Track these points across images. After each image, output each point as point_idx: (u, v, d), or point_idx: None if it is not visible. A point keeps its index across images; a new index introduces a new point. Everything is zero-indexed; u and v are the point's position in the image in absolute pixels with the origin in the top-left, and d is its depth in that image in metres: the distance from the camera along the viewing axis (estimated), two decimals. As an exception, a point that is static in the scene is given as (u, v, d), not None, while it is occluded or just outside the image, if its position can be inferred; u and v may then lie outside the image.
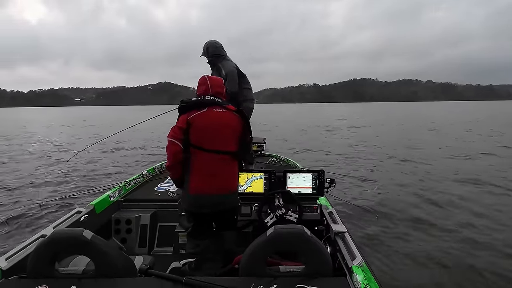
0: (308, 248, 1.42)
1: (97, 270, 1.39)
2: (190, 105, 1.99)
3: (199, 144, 1.94)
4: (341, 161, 9.68)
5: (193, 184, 1.97)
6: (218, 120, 1.98)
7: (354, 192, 5.98)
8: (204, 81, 2.06)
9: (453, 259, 3.43)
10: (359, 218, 4.57)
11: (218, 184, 2.00)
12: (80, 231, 1.38)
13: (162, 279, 1.41)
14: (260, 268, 1.44)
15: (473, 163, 8.76)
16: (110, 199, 2.79)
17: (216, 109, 2.00)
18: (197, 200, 1.98)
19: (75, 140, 16.67)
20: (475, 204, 5.22)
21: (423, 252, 3.59)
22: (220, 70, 3.40)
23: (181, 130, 1.92)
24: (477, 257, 3.44)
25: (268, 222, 2.40)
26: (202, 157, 1.95)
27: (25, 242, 1.79)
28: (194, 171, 1.97)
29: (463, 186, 6.39)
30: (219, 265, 1.97)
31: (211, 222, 2.13)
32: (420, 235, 4.06)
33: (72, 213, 2.35)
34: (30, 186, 6.66)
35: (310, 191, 2.77)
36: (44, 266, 1.38)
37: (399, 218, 4.65)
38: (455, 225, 4.34)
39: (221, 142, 1.98)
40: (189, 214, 2.11)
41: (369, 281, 1.43)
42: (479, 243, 3.78)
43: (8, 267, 1.57)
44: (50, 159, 10.44)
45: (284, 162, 4.76)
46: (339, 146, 12.88)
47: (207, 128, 1.94)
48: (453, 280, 3.07)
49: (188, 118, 1.93)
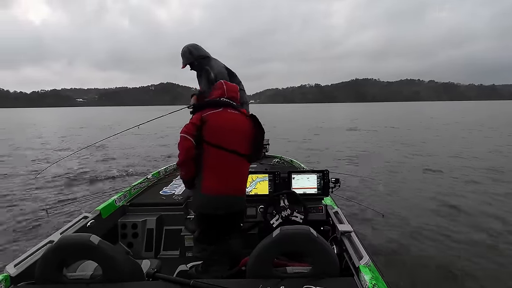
0: (315, 248, 1.41)
1: (105, 274, 1.39)
2: (206, 104, 2.02)
3: (214, 142, 1.92)
4: (346, 160, 9.68)
5: (207, 183, 1.93)
6: (232, 121, 1.99)
7: (359, 192, 5.96)
8: (221, 85, 2.11)
9: (461, 259, 3.41)
10: (365, 217, 4.55)
11: (233, 185, 1.99)
12: (87, 236, 1.38)
13: (170, 282, 1.41)
14: (267, 270, 1.44)
15: (481, 162, 8.73)
16: (115, 204, 2.80)
17: (231, 110, 2.03)
18: (212, 200, 1.94)
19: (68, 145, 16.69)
20: (484, 201, 5.22)
21: (431, 251, 3.58)
22: (209, 72, 3.03)
23: (195, 126, 1.92)
24: (485, 258, 3.42)
25: (274, 223, 2.39)
26: (217, 155, 1.94)
27: (33, 248, 1.79)
28: (207, 169, 1.94)
29: (471, 186, 6.37)
30: (226, 268, 1.97)
31: (223, 224, 2.08)
32: (427, 234, 4.04)
33: (78, 218, 2.35)
34: (36, 192, 6.65)
35: (315, 191, 2.76)
36: (52, 272, 1.39)
37: (406, 216, 4.64)
38: (463, 225, 4.32)
39: (236, 142, 1.98)
40: (201, 217, 2.05)
41: (376, 281, 1.41)
42: (488, 243, 3.76)
43: (16, 274, 1.57)
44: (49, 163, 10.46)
45: (288, 163, 4.76)
46: (343, 146, 12.87)
47: (221, 127, 1.94)
48: (460, 279, 3.05)
49: (203, 115, 1.94)
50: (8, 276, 1.53)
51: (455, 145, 12.44)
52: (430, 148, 11.76)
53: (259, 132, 2.08)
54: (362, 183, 6.56)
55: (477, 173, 7.36)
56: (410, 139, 14.48)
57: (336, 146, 13.08)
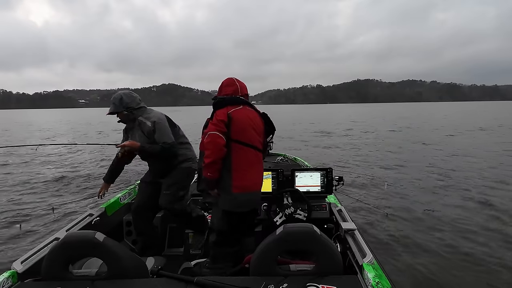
0: (318, 246, 1.41)
1: (110, 271, 1.41)
2: (228, 100, 1.99)
3: (241, 139, 1.92)
4: (350, 159, 9.67)
5: (238, 182, 1.92)
6: (253, 119, 2.01)
7: (363, 190, 5.94)
8: (233, 82, 2.09)
9: (465, 257, 3.38)
10: (369, 215, 4.54)
11: (257, 180, 2.03)
12: (92, 233, 1.40)
13: (174, 279, 1.42)
14: (270, 267, 1.44)
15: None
16: (120, 201, 2.84)
17: (249, 108, 2.05)
18: (243, 198, 1.95)
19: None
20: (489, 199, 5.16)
21: (435, 248, 3.55)
22: (144, 123, 2.52)
23: (224, 123, 1.89)
24: (491, 256, 3.38)
25: (277, 221, 2.42)
26: (244, 152, 1.94)
27: (39, 245, 1.83)
28: (236, 167, 1.92)
29: (477, 182, 6.33)
30: (230, 265, 1.97)
31: (246, 221, 2.10)
32: (431, 232, 4.02)
33: (84, 216, 2.39)
34: (42, 189, 6.66)
35: (318, 189, 2.76)
36: (58, 269, 1.41)
37: (410, 215, 4.61)
38: (469, 222, 4.29)
39: (256, 139, 2.01)
40: (229, 216, 2.00)
41: (380, 279, 1.41)
42: (494, 241, 3.71)
43: (23, 270, 1.60)
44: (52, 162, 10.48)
45: (292, 160, 4.78)
46: (347, 145, 12.85)
47: (246, 124, 1.95)
48: (466, 277, 3.02)
49: (228, 112, 1.91)
50: (15, 273, 1.56)
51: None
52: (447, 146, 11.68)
53: (269, 130, 2.15)
54: (366, 181, 6.54)
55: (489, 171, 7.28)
56: (421, 138, 14.40)
57: (339, 145, 13.07)
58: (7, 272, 1.54)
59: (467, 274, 3.07)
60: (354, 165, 8.57)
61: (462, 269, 3.15)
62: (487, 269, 3.15)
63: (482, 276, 3.03)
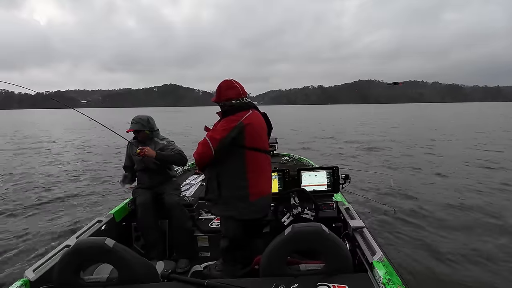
0: (327, 245, 1.42)
1: (121, 277, 1.42)
2: (239, 106, 1.90)
3: (255, 146, 1.86)
4: (356, 157, 9.66)
5: (254, 189, 1.87)
6: (262, 122, 2.00)
7: (370, 187, 5.92)
8: (233, 84, 1.97)
9: (475, 254, 3.35)
10: (377, 213, 4.52)
11: (269, 182, 2.03)
12: (102, 239, 1.41)
13: (184, 283, 1.43)
14: (280, 268, 1.44)
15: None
16: (128, 207, 2.86)
17: (256, 111, 2.00)
18: (258, 205, 1.92)
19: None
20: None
21: (445, 245, 3.53)
22: (157, 142, 2.96)
23: (231, 131, 1.80)
24: (496, 255, 3.35)
25: (285, 221, 2.42)
26: (258, 159, 1.90)
27: (50, 253, 1.84)
28: (252, 175, 1.87)
29: (483, 180, 6.29)
30: (239, 267, 1.96)
31: (259, 225, 2.10)
32: (440, 228, 4.00)
33: (93, 222, 2.41)
34: (50, 197, 6.57)
35: (325, 188, 2.75)
36: (69, 276, 1.42)
37: (418, 211, 4.58)
38: (476, 221, 4.26)
39: (267, 143, 2.00)
40: (243, 223, 1.94)
41: (391, 276, 1.40)
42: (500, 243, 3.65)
43: (35, 278, 1.61)
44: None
45: (297, 160, 4.79)
46: (353, 144, 12.83)
47: (258, 130, 1.92)
48: (478, 275, 2.99)
49: (241, 119, 1.83)
50: (28, 281, 1.57)
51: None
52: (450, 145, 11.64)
53: (269, 130, 2.13)
54: (373, 178, 6.52)
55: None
56: (422, 138, 14.35)
57: (344, 143, 13.07)
58: (19, 280, 1.55)
59: (480, 273, 3.03)
60: (361, 163, 8.55)
61: (474, 267, 3.11)
62: (500, 268, 3.09)
63: (496, 274, 2.99)
